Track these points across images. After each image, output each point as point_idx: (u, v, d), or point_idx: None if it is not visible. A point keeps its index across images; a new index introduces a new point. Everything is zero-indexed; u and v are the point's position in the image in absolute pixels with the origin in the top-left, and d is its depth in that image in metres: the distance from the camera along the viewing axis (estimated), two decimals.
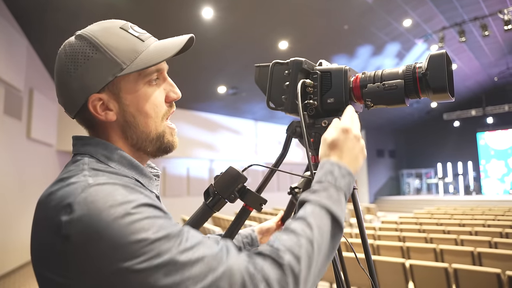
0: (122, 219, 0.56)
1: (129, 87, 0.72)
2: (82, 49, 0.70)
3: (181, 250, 0.57)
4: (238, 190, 0.89)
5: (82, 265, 0.56)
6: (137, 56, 0.70)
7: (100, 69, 0.69)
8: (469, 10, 9.15)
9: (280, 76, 0.98)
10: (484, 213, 8.92)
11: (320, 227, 0.68)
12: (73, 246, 0.56)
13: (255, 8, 7.41)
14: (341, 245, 1.00)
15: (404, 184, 21.08)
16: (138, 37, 0.73)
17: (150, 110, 0.74)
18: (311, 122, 0.96)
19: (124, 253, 0.54)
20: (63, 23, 6.58)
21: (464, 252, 4.04)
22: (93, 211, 0.56)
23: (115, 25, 0.73)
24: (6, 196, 6.33)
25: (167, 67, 0.79)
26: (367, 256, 0.98)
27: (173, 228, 0.59)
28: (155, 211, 0.60)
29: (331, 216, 0.70)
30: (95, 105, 0.70)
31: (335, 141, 0.79)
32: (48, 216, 0.60)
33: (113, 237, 0.55)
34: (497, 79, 15.51)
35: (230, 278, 0.57)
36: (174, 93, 0.79)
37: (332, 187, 0.73)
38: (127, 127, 0.74)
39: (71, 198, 0.58)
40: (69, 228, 0.56)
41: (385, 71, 0.91)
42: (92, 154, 0.70)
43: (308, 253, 0.64)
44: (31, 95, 7.36)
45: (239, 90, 11.03)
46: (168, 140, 0.78)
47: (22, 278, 6.24)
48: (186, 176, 12.72)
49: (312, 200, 0.71)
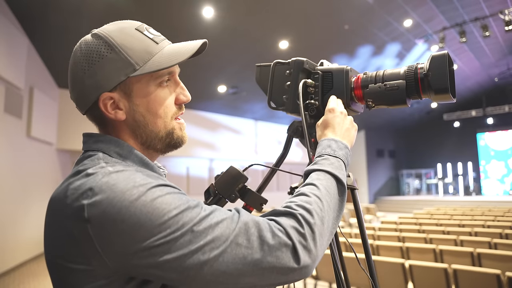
0: (145, 197, 0.59)
1: (140, 87, 0.73)
2: (97, 47, 0.70)
3: (202, 217, 0.60)
4: (238, 189, 0.89)
5: (106, 248, 0.57)
6: (151, 58, 0.71)
7: (113, 69, 0.70)
8: (470, 11, 9.14)
9: (281, 75, 0.98)
10: (484, 214, 8.92)
11: (326, 187, 0.73)
12: (95, 228, 0.57)
13: (256, 7, 7.41)
14: (341, 245, 1.00)
15: (404, 185, 21.08)
16: (153, 39, 0.74)
17: (159, 110, 0.75)
18: (312, 122, 0.96)
19: (149, 230, 0.57)
20: (64, 22, 6.58)
21: (463, 253, 4.03)
22: (116, 192, 0.58)
23: (131, 26, 0.74)
24: (6, 195, 6.32)
25: (179, 70, 0.81)
26: (367, 256, 0.98)
27: (192, 201, 0.63)
28: (173, 189, 0.64)
29: (335, 178, 0.76)
30: (106, 103, 0.72)
31: (325, 121, 0.89)
32: (67, 204, 0.61)
33: (137, 215, 0.57)
34: (497, 79, 15.51)
35: (246, 232, 0.61)
36: (184, 96, 0.80)
37: (332, 157, 0.81)
38: (137, 126, 0.75)
39: (92, 184, 0.60)
40: (92, 211, 0.57)
41: (386, 71, 0.91)
42: (104, 151, 0.71)
43: (319, 207, 0.68)
44: (32, 93, 7.36)
45: (240, 89, 11.02)
46: (178, 136, 0.80)
47: (22, 276, 6.24)
48: (186, 175, 12.72)
49: (315, 168, 0.78)
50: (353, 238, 5.70)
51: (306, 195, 0.70)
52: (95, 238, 0.57)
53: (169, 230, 0.57)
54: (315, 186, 0.72)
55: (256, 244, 0.60)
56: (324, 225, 0.67)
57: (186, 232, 0.58)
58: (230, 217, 0.62)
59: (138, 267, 0.57)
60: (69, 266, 0.60)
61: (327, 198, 0.71)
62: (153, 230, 0.56)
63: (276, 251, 0.60)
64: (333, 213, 0.71)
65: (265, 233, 0.61)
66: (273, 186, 14.39)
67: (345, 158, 0.83)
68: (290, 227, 0.63)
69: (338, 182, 0.76)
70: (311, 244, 0.63)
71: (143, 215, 0.57)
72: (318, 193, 0.71)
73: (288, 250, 0.61)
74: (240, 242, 0.59)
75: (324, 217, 0.68)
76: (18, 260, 6.86)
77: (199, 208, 0.62)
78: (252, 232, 0.61)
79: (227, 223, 0.61)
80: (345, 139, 0.87)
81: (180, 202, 0.61)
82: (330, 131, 0.87)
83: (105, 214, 0.57)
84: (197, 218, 0.60)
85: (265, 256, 0.59)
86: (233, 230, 0.60)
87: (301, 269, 0.61)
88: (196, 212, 0.61)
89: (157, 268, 0.57)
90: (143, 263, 0.57)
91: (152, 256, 0.56)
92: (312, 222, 0.64)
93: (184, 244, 0.57)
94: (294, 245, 0.61)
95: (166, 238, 0.57)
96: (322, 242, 0.66)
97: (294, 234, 0.62)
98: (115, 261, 0.57)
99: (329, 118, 0.89)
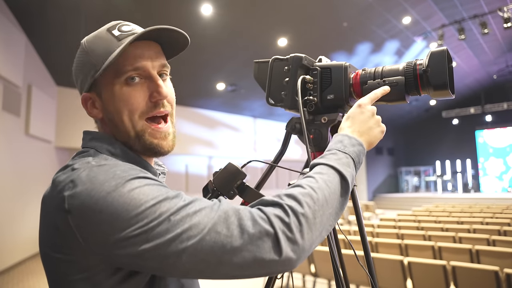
0: (122, 188, 0.59)
1: (107, 87, 0.75)
2: (80, 53, 0.78)
3: (180, 206, 0.60)
4: (237, 186, 0.89)
5: (86, 238, 0.58)
6: (108, 56, 0.72)
7: (86, 71, 0.75)
8: (469, 8, 9.14)
9: (279, 72, 0.98)
10: (482, 211, 8.94)
11: (326, 181, 0.69)
12: (74, 219, 0.58)
13: (255, 4, 7.39)
14: (339, 242, 1.00)
15: (403, 182, 21.12)
16: (117, 37, 0.74)
17: (122, 108, 0.74)
18: (310, 119, 0.95)
19: (127, 220, 0.57)
20: (62, 19, 6.55)
21: (462, 250, 4.04)
22: (94, 184, 0.59)
23: (105, 27, 0.78)
24: (4, 193, 6.32)
25: (159, 65, 0.77)
26: (366, 253, 0.98)
27: (171, 192, 0.62)
28: (153, 181, 0.63)
29: (339, 174, 0.72)
30: (86, 103, 0.78)
31: (349, 114, 0.86)
32: (52, 196, 0.63)
33: (114, 206, 0.57)
34: (496, 77, 15.52)
35: (226, 220, 0.59)
36: (158, 93, 0.75)
37: (341, 152, 0.77)
38: (112, 125, 0.77)
39: (74, 176, 0.62)
40: (72, 202, 0.59)
41: (385, 67, 0.91)
42: (97, 149, 0.73)
43: (312, 199, 0.64)
44: (30, 91, 7.33)
45: (238, 87, 11.01)
46: (151, 142, 0.76)
47: (21, 274, 6.24)
48: (185, 173, 12.71)
49: (320, 162, 0.75)
50: (352, 235, 5.71)
51: (301, 186, 0.67)
52: (76, 228, 0.58)
53: (146, 220, 0.57)
54: (313, 179, 0.69)
55: (236, 232, 0.58)
56: (316, 218, 0.63)
57: (163, 221, 0.57)
58: (209, 206, 0.61)
59: (120, 257, 0.58)
60: (57, 256, 0.62)
61: (325, 192, 0.67)
62: (130, 220, 0.57)
63: (257, 240, 0.58)
64: (330, 208, 0.67)
65: (246, 222, 0.59)
66: (271, 183, 14.40)
67: (356, 155, 0.78)
68: (273, 216, 0.60)
69: (342, 178, 0.72)
70: (297, 236, 0.60)
71: (120, 206, 0.57)
72: (315, 185, 0.67)
73: (270, 239, 0.58)
74: (219, 230, 0.58)
75: (317, 210, 0.64)
76: (17, 258, 6.86)
77: (178, 199, 0.61)
78: (231, 221, 0.59)
79: (206, 212, 0.60)
80: (362, 136, 0.82)
81: (159, 193, 0.60)
82: (348, 125, 0.84)
83: (84, 205, 0.58)
84: (174, 208, 0.59)
85: (245, 244, 0.57)
86: (211, 218, 0.59)
87: (284, 261, 0.59)
88: (174, 202, 0.60)
89: (137, 257, 0.57)
90: (123, 253, 0.57)
91: (132, 246, 0.56)
92: (300, 212, 0.61)
93: (162, 233, 0.56)
94: (277, 234, 0.58)
95: (143, 228, 0.56)
96: (311, 236, 0.62)
97: (278, 223, 0.59)
98: (97, 252, 0.58)
99: (353, 113, 0.85)
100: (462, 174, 19.24)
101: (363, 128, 0.83)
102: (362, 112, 0.84)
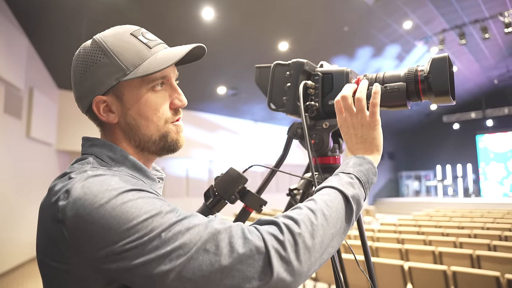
0: (115, 200, 0.58)
1: (132, 91, 0.74)
2: (93, 52, 0.73)
3: (172, 223, 0.58)
4: (238, 191, 0.89)
5: (78, 248, 0.58)
6: (142, 62, 0.72)
7: (106, 73, 0.72)
8: (470, 13, 9.15)
9: (281, 77, 0.98)
10: (483, 216, 8.91)
11: (326, 201, 0.68)
12: (68, 229, 0.58)
13: (256, 9, 7.41)
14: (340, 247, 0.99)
15: (403, 186, 21.07)
16: (146, 44, 0.75)
17: (151, 115, 0.75)
18: (312, 124, 0.96)
19: (118, 233, 0.56)
20: (64, 22, 6.58)
21: (463, 255, 4.03)
22: (88, 195, 0.58)
23: (127, 31, 0.76)
24: (5, 195, 6.31)
25: (176, 74, 0.80)
26: (366, 258, 0.98)
27: (166, 207, 0.61)
28: (148, 194, 0.62)
29: (340, 193, 0.71)
30: (98, 106, 0.74)
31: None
32: (49, 205, 0.63)
33: (106, 218, 0.56)
34: (497, 81, 15.52)
35: (216, 238, 0.57)
36: (179, 101, 0.79)
37: (343, 173, 0.77)
38: (129, 129, 0.76)
39: (69, 186, 0.61)
40: (65, 212, 0.58)
41: (386, 73, 0.91)
42: (97, 155, 0.73)
43: (310, 220, 0.62)
44: (31, 94, 7.35)
45: (239, 91, 11.02)
46: (172, 139, 0.79)
47: (21, 277, 6.23)
48: (185, 176, 12.70)
49: (323, 186, 0.74)
50: (352, 240, 5.70)
51: (299, 207, 0.65)
52: (69, 239, 0.58)
53: (137, 234, 0.56)
54: (312, 200, 0.68)
55: (226, 250, 0.56)
56: (315, 239, 0.60)
57: (154, 237, 0.56)
58: (203, 224, 0.59)
59: (111, 271, 0.57)
60: (52, 264, 0.62)
61: (325, 212, 0.65)
62: (121, 234, 0.56)
63: (247, 258, 0.56)
64: (333, 229, 0.65)
65: (236, 240, 0.57)
66: (272, 188, 14.38)
67: (363, 174, 0.77)
68: (267, 233, 0.58)
69: (344, 197, 0.70)
70: (291, 256, 0.57)
71: (111, 218, 0.56)
72: (313, 206, 0.65)
73: (261, 257, 0.56)
74: (208, 248, 0.56)
75: (316, 230, 0.61)
76: (16, 261, 6.84)
77: (172, 214, 0.60)
78: (221, 238, 0.57)
79: (198, 229, 0.58)
80: (366, 152, 0.84)
81: (152, 207, 0.59)
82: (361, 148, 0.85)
83: (77, 215, 0.57)
84: (166, 224, 0.57)
85: (234, 263, 0.56)
86: (202, 237, 0.57)
87: (276, 283, 0.55)
88: (168, 218, 0.59)
89: (127, 272, 0.56)
90: (113, 267, 0.56)
91: (122, 260, 0.55)
92: (296, 232, 0.59)
93: (152, 249, 0.55)
94: (268, 252, 0.56)
95: (134, 242, 0.55)
96: (308, 257, 0.59)
97: (270, 240, 0.57)
98: (88, 263, 0.58)
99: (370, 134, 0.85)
100: (463, 179, 19.19)
101: (364, 144, 0.84)
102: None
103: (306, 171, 1.06)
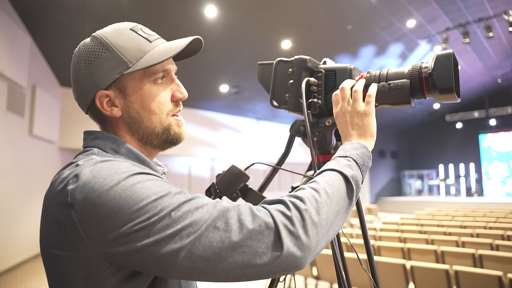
0: (125, 182, 0.59)
1: (134, 85, 0.76)
2: (94, 48, 0.74)
3: (181, 202, 0.59)
4: (240, 189, 0.88)
5: (88, 232, 0.58)
6: (143, 55, 0.74)
7: (108, 67, 0.73)
8: (474, 11, 9.10)
9: (284, 74, 0.97)
10: (485, 215, 8.89)
11: (328, 181, 0.70)
12: (77, 213, 0.58)
13: (259, 6, 7.40)
14: (342, 246, 0.99)
15: (406, 185, 21.04)
16: (146, 38, 0.77)
17: (154, 107, 0.77)
18: (315, 121, 0.95)
19: (128, 214, 0.56)
20: (67, 20, 6.58)
21: (465, 254, 4.02)
22: (97, 178, 0.59)
23: (126, 27, 0.78)
24: (8, 193, 6.34)
25: (175, 68, 0.82)
26: (369, 257, 0.97)
27: (174, 188, 0.63)
28: (156, 177, 0.64)
29: (340, 174, 0.73)
30: (102, 101, 0.75)
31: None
32: (56, 192, 0.63)
33: (116, 200, 0.57)
34: (500, 80, 15.45)
35: (225, 215, 0.59)
36: (180, 93, 0.81)
37: (340, 157, 0.79)
38: (132, 122, 0.77)
39: (78, 171, 0.62)
40: (75, 196, 0.59)
41: (390, 70, 0.90)
42: (100, 147, 0.74)
43: (314, 197, 0.64)
44: (34, 92, 7.37)
45: (242, 89, 11.01)
46: (175, 132, 0.81)
47: (24, 274, 6.26)
48: (188, 174, 12.72)
49: (322, 169, 0.77)
50: (355, 239, 5.69)
51: (303, 188, 0.68)
52: (78, 223, 0.58)
53: (147, 215, 0.57)
54: (314, 182, 0.70)
55: (235, 227, 0.57)
56: (320, 215, 0.62)
57: (164, 216, 0.57)
58: (212, 203, 0.61)
59: (120, 255, 0.57)
60: (58, 253, 0.62)
61: (328, 190, 0.67)
62: (131, 214, 0.56)
63: (257, 234, 0.57)
64: (336, 206, 0.67)
65: (245, 216, 0.58)
66: (274, 186, 14.38)
67: (356, 154, 0.80)
68: (274, 210, 0.60)
69: (344, 178, 0.72)
70: (299, 230, 0.58)
71: (121, 200, 0.57)
72: (316, 186, 0.67)
73: (271, 233, 0.57)
74: (218, 225, 0.57)
75: (321, 207, 0.63)
76: (20, 258, 6.87)
77: (181, 195, 0.61)
78: (231, 215, 0.58)
79: (207, 208, 0.59)
80: (361, 137, 0.86)
81: (161, 188, 0.60)
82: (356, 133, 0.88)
83: (87, 199, 0.58)
84: (176, 203, 0.59)
85: (244, 239, 0.56)
86: (211, 214, 0.58)
87: (287, 257, 0.56)
88: (177, 198, 0.60)
89: (137, 253, 0.56)
90: (123, 249, 0.56)
91: (132, 241, 0.56)
92: (302, 208, 0.60)
93: (162, 229, 0.56)
94: (277, 227, 0.57)
95: (144, 223, 0.56)
96: (315, 232, 0.60)
97: (279, 216, 0.59)
98: (98, 247, 0.58)
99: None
100: (465, 178, 19.14)
101: (359, 130, 0.87)
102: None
103: (309, 169, 1.05)
